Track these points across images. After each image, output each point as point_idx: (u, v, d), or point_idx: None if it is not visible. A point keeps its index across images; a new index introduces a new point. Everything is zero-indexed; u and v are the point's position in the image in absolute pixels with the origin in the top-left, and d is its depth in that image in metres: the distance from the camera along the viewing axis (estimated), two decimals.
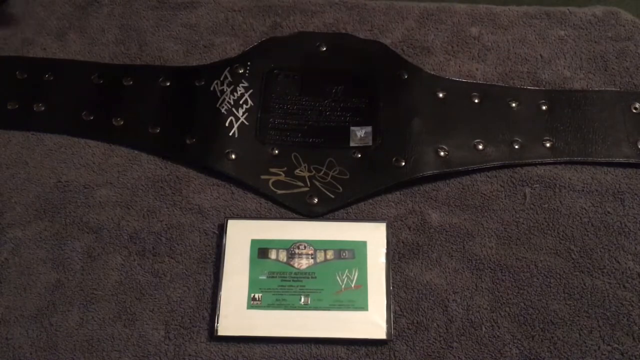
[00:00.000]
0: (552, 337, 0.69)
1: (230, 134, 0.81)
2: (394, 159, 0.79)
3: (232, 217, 0.76)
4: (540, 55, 0.87)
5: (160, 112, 0.84)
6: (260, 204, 0.78)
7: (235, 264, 0.73)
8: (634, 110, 0.83)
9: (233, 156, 0.79)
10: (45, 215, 0.77)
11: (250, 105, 0.83)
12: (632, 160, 0.79)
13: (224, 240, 0.74)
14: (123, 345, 0.69)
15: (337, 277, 0.72)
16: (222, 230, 0.75)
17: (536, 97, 0.84)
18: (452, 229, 0.76)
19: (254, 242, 0.74)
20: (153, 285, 0.73)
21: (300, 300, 0.71)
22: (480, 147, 0.80)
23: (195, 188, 0.79)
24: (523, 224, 0.76)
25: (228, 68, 0.86)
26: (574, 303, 0.71)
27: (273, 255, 0.73)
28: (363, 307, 0.70)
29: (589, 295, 0.72)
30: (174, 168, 0.80)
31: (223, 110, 0.82)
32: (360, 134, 0.81)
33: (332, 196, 0.77)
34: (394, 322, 0.70)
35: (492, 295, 0.72)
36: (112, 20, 0.92)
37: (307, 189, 0.78)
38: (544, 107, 0.83)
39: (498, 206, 0.77)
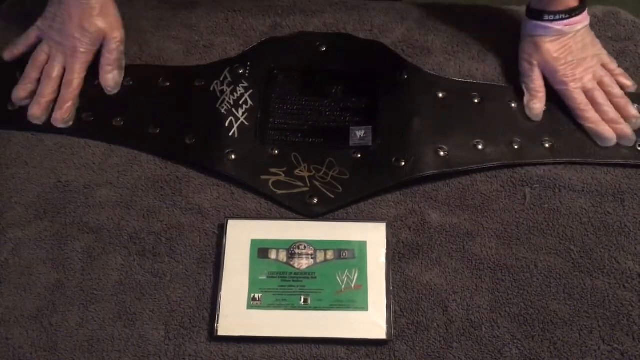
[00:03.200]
0: (552, 337, 0.69)
1: (230, 134, 0.81)
2: (393, 159, 0.79)
3: (232, 217, 0.76)
4: None
5: (160, 113, 0.84)
6: (260, 204, 0.78)
7: (235, 264, 0.73)
8: None
9: (233, 156, 0.79)
10: (45, 216, 0.77)
11: (250, 105, 0.83)
12: (630, 162, 0.79)
13: (224, 240, 0.74)
14: (123, 345, 0.69)
15: (337, 277, 0.72)
16: (222, 230, 0.75)
17: None
18: (452, 229, 0.76)
19: (254, 242, 0.74)
20: (153, 286, 0.73)
21: (300, 300, 0.71)
22: (480, 147, 0.80)
23: (195, 188, 0.79)
24: (523, 224, 0.76)
25: (228, 68, 0.86)
26: (574, 303, 0.71)
27: (273, 255, 0.73)
28: (363, 307, 0.71)
29: (589, 296, 0.72)
30: (174, 168, 0.80)
31: (223, 111, 0.82)
32: (360, 134, 0.81)
33: (332, 196, 0.77)
34: (394, 322, 0.70)
35: (492, 295, 0.72)
36: None
37: (307, 189, 0.78)
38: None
39: (498, 206, 0.77)
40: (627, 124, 0.80)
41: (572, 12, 0.81)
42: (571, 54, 0.81)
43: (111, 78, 0.84)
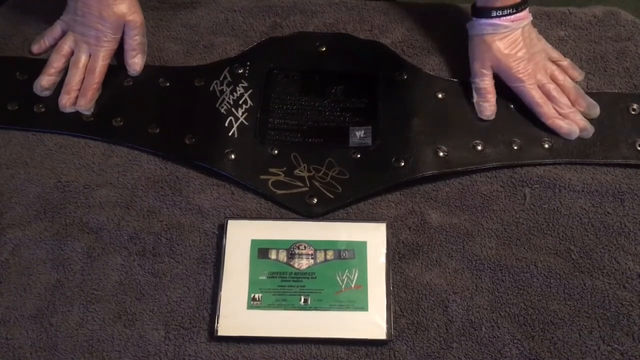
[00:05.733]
0: (552, 337, 0.69)
1: (230, 134, 0.81)
2: (393, 159, 0.79)
3: (232, 217, 0.76)
4: None
5: (160, 113, 0.84)
6: (260, 204, 0.78)
7: (235, 264, 0.73)
8: (632, 112, 0.83)
9: (233, 156, 0.79)
10: (45, 216, 0.77)
11: (250, 105, 0.83)
12: (630, 162, 0.79)
13: (224, 240, 0.74)
14: (123, 345, 0.69)
15: (337, 278, 0.72)
16: (222, 230, 0.75)
17: None
18: (452, 229, 0.76)
19: (254, 242, 0.74)
20: (153, 286, 0.73)
21: (300, 300, 0.71)
22: (479, 147, 0.80)
23: (195, 188, 0.79)
24: (523, 224, 0.76)
25: (227, 68, 0.86)
26: (573, 303, 0.71)
27: (273, 255, 0.73)
28: (363, 307, 0.71)
29: (589, 296, 0.72)
30: (174, 168, 0.80)
31: (222, 111, 0.82)
32: (359, 134, 0.81)
33: (332, 196, 0.77)
34: (394, 323, 0.70)
35: (492, 295, 0.72)
36: None
37: (306, 189, 0.78)
38: None
39: (498, 206, 0.77)
40: (583, 117, 0.82)
41: (518, 7, 0.81)
42: (521, 49, 0.82)
43: (136, 62, 0.86)
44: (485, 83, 0.83)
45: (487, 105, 0.82)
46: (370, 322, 0.70)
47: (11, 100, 0.84)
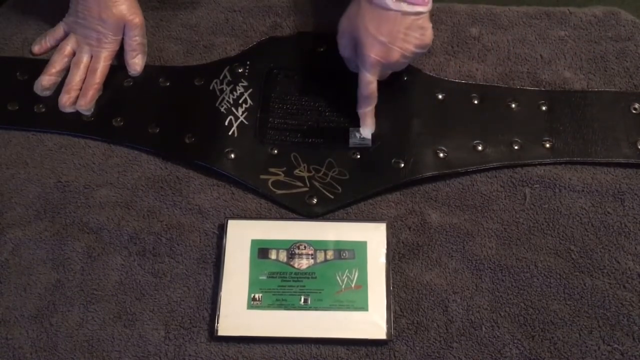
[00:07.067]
0: (552, 337, 0.69)
1: (230, 133, 0.81)
2: (393, 160, 0.79)
3: (232, 217, 0.76)
4: (541, 55, 0.87)
5: (160, 112, 0.84)
6: (260, 204, 0.78)
7: (236, 264, 0.73)
8: (634, 111, 0.83)
9: (232, 155, 0.79)
10: (45, 216, 0.77)
11: (250, 104, 0.83)
12: (631, 161, 0.79)
13: (224, 240, 0.74)
14: (123, 345, 0.69)
15: (337, 277, 0.72)
16: (222, 230, 0.75)
17: (536, 98, 0.84)
18: (452, 229, 0.76)
19: (254, 242, 0.74)
20: (153, 286, 0.73)
21: (300, 300, 0.71)
22: (480, 148, 0.80)
23: (195, 188, 0.79)
24: (523, 224, 0.76)
25: (227, 67, 0.86)
26: (574, 303, 0.71)
27: (273, 255, 0.73)
28: (363, 307, 0.70)
29: (589, 296, 0.72)
30: (174, 168, 0.80)
31: (222, 110, 0.82)
32: (359, 134, 0.81)
33: (332, 197, 0.77)
34: (394, 322, 0.70)
35: (492, 295, 0.72)
36: None
37: (306, 189, 0.78)
38: (543, 108, 0.83)
39: (498, 206, 0.77)
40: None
41: None
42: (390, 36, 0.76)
43: (136, 62, 0.87)
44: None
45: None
46: (370, 322, 0.70)
47: (11, 100, 0.84)
